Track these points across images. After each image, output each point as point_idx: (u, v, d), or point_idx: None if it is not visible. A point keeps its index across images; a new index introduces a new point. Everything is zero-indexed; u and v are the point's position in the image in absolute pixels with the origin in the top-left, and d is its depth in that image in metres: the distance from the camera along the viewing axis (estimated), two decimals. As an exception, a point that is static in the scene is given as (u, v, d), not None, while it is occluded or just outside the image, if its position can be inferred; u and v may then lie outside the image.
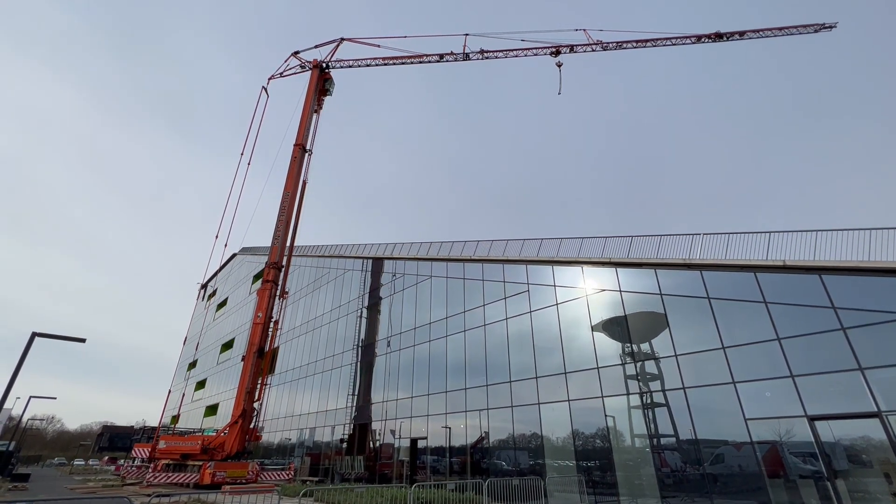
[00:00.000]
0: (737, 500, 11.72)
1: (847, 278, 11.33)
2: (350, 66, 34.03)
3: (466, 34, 31.05)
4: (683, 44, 28.60)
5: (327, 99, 34.17)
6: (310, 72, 34.28)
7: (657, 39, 28.69)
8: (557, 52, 30.15)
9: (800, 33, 27.42)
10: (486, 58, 31.08)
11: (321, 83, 33.56)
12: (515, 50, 30.61)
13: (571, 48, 29.55)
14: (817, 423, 10.84)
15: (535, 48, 30.17)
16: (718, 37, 28.35)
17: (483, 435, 19.27)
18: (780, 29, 27.55)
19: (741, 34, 28.21)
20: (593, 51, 29.74)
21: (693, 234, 14.82)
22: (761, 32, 28.01)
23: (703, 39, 28.35)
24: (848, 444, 10.56)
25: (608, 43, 29.30)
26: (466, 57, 31.17)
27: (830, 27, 26.74)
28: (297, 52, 34.88)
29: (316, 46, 34.86)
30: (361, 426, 26.99)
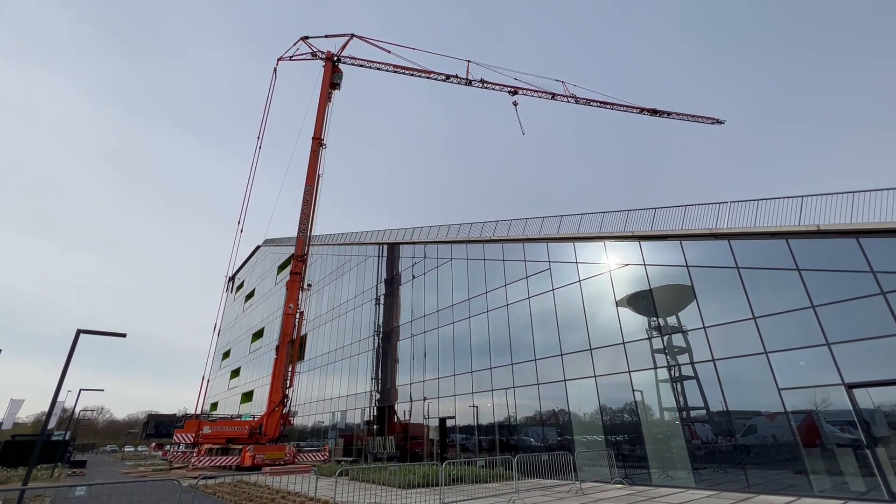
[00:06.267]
0: (771, 469, 11.60)
1: (887, 240, 10.79)
2: (361, 66, 34.29)
3: (469, 61, 34.26)
4: (630, 112, 36.05)
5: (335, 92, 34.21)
6: (317, 60, 34.30)
7: (614, 104, 35.56)
8: (515, 93, 34.23)
9: (703, 122, 36.98)
10: (485, 87, 34.58)
11: (331, 76, 33.55)
12: (510, 86, 34.49)
13: (553, 95, 34.87)
14: (855, 391, 10.53)
15: (527, 89, 34.96)
16: (654, 112, 36.08)
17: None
18: (691, 116, 36.61)
19: (668, 113, 36.23)
20: (567, 102, 35.47)
21: (720, 203, 14.32)
22: (682, 116, 36.53)
23: (644, 112, 36.14)
24: (889, 410, 10.23)
25: (580, 98, 35.40)
26: (469, 83, 34.22)
27: (721, 122, 37.00)
28: (306, 38, 34.80)
29: (326, 36, 34.81)
30: (390, 407, 27.68)
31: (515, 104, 34.29)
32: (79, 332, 11.82)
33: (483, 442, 20.63)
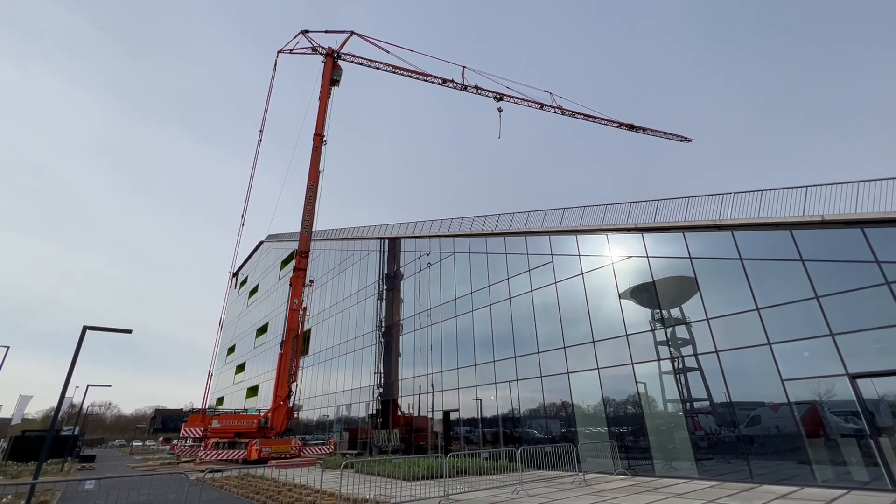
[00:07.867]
0: (774, 460, 11.63)
1: (892, 230, 10.71)
2: (360, 64, 34.45)
3: (464, 67, 35.44)
4: (611, 126, 38.60)
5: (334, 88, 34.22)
6: (317, 54, 34.25)
7: (596, 117, 38.05)
8: (500, 98, 35.45)
9: (673, 139, 40.77)
10: (479, 93, 35.78)
11: (332, 73, 33.52)
12: (499, 93, 36.02)
13: (541, 105, 36.72)
14: (859, 381, 10.52)
15: (517, 97, 36.32)
16: (631, 127, 38.68)
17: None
18: (664, 133, 40.08)
19: (644, 129, 39.25)
20: (554, 112, 37.36)
21: (723, 195, 14.25)
22: (656, 132, 39.89)
23: (622, 126, 38.66)
24: (893, 399, 10.22)
25: (566, 110, 37.44)
26: (464, 88, 35.34)
27: (689, 140, 40.90)
28: (306, 31, 34.72)
29: (326, 32, 34.77)
30: (394, 401, 27.86)
31: (500, 110, 35.65)
32: (85, 328, 11.91)
33: (487, 434, 20.76)
